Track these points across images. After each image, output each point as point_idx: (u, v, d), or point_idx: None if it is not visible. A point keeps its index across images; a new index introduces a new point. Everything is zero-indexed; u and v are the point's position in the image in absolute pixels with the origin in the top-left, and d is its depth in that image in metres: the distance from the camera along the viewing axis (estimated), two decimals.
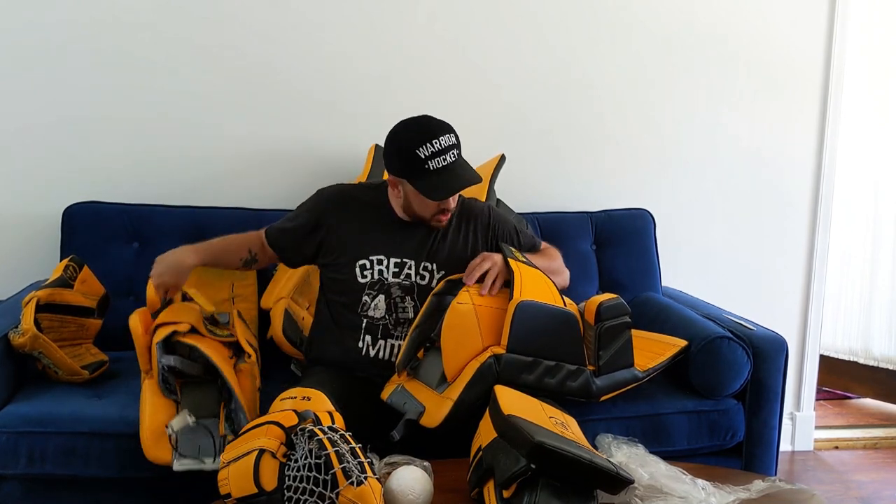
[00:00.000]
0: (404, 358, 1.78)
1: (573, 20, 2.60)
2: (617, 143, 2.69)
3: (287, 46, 2.47)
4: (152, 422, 1.68)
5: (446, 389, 1.72)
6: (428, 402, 1.72)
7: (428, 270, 1.87)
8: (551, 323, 1.75)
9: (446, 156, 1.74)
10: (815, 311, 2.85)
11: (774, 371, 2.06)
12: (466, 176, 1.77)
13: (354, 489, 1.28)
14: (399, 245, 1.87)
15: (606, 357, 1.81)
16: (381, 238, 1.87)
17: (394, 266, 1.86)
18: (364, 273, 1.86)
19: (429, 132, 1.74)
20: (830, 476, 2.67)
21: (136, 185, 2.42)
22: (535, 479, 1.32)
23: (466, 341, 1.72)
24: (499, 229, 1.96)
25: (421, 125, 1.77)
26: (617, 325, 1.82)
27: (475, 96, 2.58)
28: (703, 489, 1.44)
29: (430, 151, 1.72)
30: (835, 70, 2.73)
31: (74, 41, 2.36)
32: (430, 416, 1.69)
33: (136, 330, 1.75)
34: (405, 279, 1.86)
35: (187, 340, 1.73)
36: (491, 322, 1.74)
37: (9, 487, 1.80)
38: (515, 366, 1.70)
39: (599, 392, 1.81)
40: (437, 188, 1.76)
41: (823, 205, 2.80)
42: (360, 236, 1.87)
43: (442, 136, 1.74)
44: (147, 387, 1.74)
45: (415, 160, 1.73)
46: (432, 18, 2.53)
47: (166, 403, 1.72)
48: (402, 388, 1.78)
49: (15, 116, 2.37)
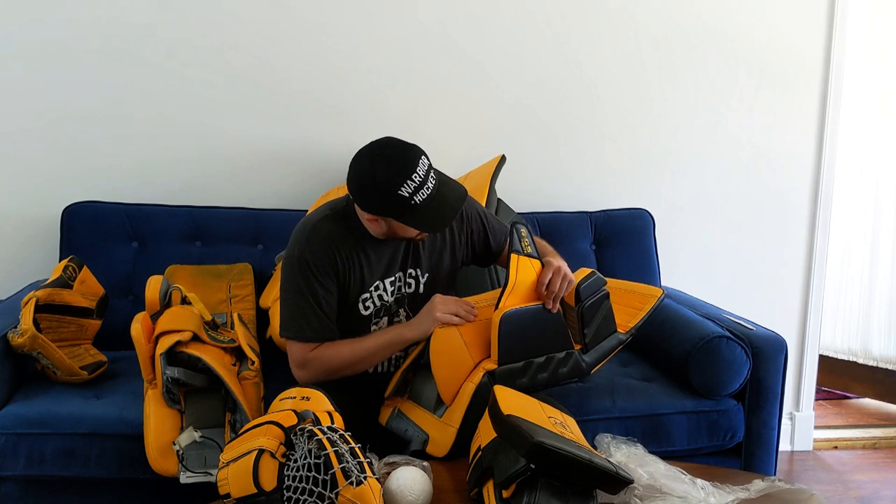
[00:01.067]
0: (395, 388, 1.77)
1: (574, 20, 2.59)
2: (617, 143, 2.69)
3: (287, 46, 2.47)
4: (157, 434, 1.67)
5: (445, 414, 1.70)
6: (430, 429, 1.70)
7: (413, 277, 1.83)
8: (535, 323, 1.72)
9: (428, 183, 1.63)
10: (814, 310, 2.85)
11: (774, 371, 2.06)
12: (454, 197, 1.69)
13: (354, 489, 1.28)
14: (387, 264, 1.80)
15: (591, 333, 1.78)
16: (370, 266, 1.77)
17: (389, 285, 1.81)
18: (366, 305, 1.80)
19: (405, 166, 1.61)
20: (830, 476, 2.67)
21: (136, 185, 2.42)
22: (534, 479, 1.32)
23: (456, 363, 1.70)
24: (472, 220, 1.90)
25: (393, 159, 1.62)
26: (596, 301, 1.78)
27: (475, 96, 2.58)
28: (703, 489, 1.44)
29: (412, 188, 1.60)
30: (834, 70, 2.73)
31: (75, 41, 2.36)
32: (436, 446, 1.67)
33: (138, 339, 1.73)
34: (398, 292, 1.83)
35: (191, 351, 1.72)
36: (476, 336, 1.71)
37: (8, 488, 1.80)
38: (509, 374, 1.68)
39: (589, 367, 1.78)
40: (433, 222, 1.67)
41: (823, 204, 2.80)
42: (355, 272, 1.76)
43: (418, 166, 1.62)
44: (150, 397, 1.72)
45: (400, 201, 1.61)
46: (433, 19, 2.52)
47: (171, 414, 1.70)
48: (400, 411, 1.77)
49: (15, 116, 2.37)
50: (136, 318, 1.78)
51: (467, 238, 1.90)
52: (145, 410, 1.72)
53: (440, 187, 1.67)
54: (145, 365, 1.73)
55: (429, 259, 1.84)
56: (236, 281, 2.24)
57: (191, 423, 1.67)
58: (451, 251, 1.87)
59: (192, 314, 1.84)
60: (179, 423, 1.70)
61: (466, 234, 1.90)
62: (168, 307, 1.86)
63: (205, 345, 1.79)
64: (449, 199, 1.68)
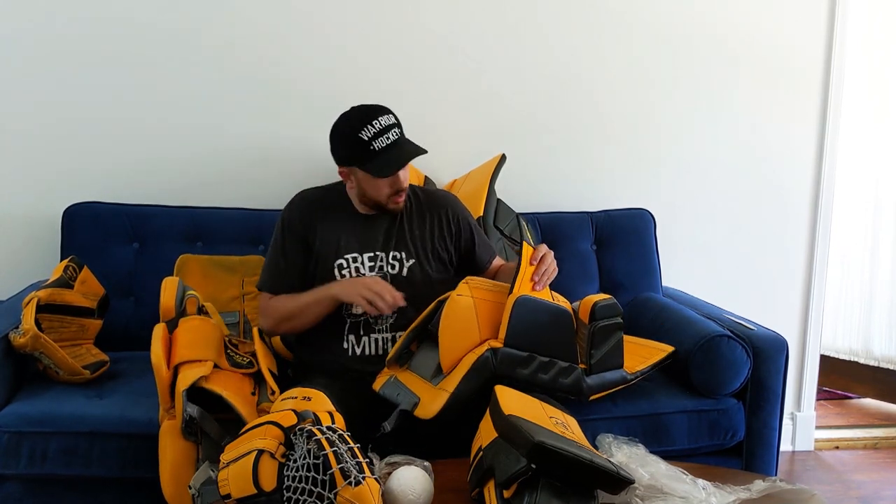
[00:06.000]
0: (395, 354, 1.79)
1: (574, 20, 2.60)
2: (617, 143, 2.69)
3: (288, 47, 2.47)
4: (174, 467, 1.64)
5: (442, 381, 1.72)
6: (422, 394, 1.72)
7: (397, 259, 1.90)
8: (547, 319, 1.76)
9: (388, 134, 1.78)
10: (815, 310, 2.84)
11: (775, 371, 2.06)
12: (410, 149, 1.81)
13: (352, 489, 1.28)
14: (369, 239, 1.90)
15: (598, 356, 1.82)
16: (351, 236, 1.90)
17: (368, 261, 1.88)
18: (342, 273, 1.88)
19: (368, 115, 1.79)
20: (831, 476, 2.67)
21: (137, 186, 2.42)
22: (535, 479, 1.32)
23: (464, 333, 1.73)
24: (461, 225, 1.98)
25: (359, 111, 1.82)
26: (610, 326, 1.83)
27: (476, 96, 2.58)
28: (704, 489, 1.44)
29: (372, 133, 1.77)
30: (835, 70, 2.73)
31: (75, 42, 2.36)
32: (424, 408, 1.69)
33: (158, 367, 1.68)
34: (379, 272, 1.89)
35: (212, 387, 1.67)
36: (489, 315, 1.75)
37: (9, 487, 1.80)
38: (512, 360, 1.71)
39: (590, 391, 1.82)
40: (386, 165, 1.79)
41: (824, 204, 2.80)
42: (333, 237, 1.89)
43: (381, 117, 1.79)
44: (167, 428, 1.68)
45: (359, 144, 1.78)
46: (433, 19, 2.53)
47: (187, 447, 1.66)
48: (395, 378, 1.79)
49: (15, 116, 2.37)
50: (156, 337, 1.73)
51: (454, 239, 1.96)
52: (161, 442, 1.68)
53: (402, 143, 1.81)
54: (164, 395, 1.69)
55: (415, 244, 1.91)
56: (250, 276, 2.21)
57: (207, 457, 1.62)
58: (437, 244, 1.93)
59: (213, 332, 1.81)
60: (195, 455, 1.66)
61: (454, 235, 1.96)
62: (183, 313, 1.84)
63: (224, 373, 1.75)
64: (407, 151, 1.81)
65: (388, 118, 1.80)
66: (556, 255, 1.99)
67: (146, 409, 1.78)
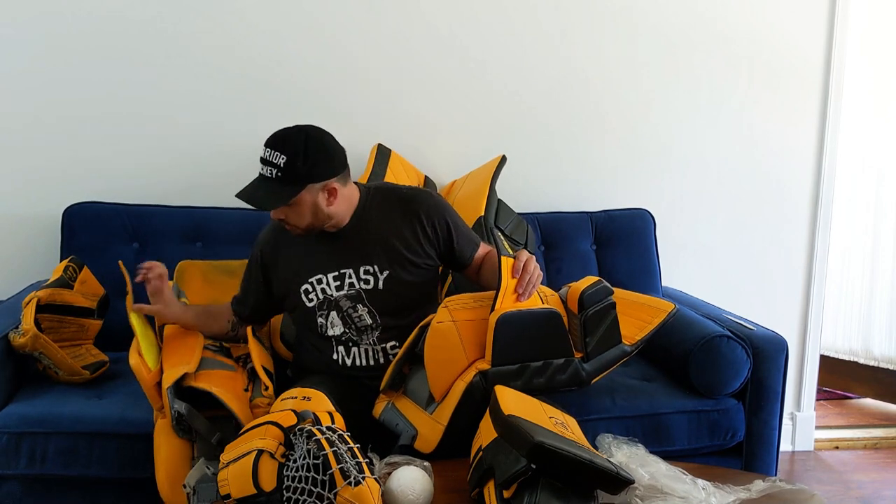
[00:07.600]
0: (389, 381, 1.77)
1: (575, 20, 2.59)
2: (617, 143, 2.69)
3: (289, 46, 2.47)
4: (169, 466, 1.64)
5: (435, 411, 1.70)
6: (420, 425, 1.70)
7: (371, 273, 1.82)
8: (534, 326, 1.70)
9: (260, 164, 1.76)
10: (815, 310, 2.84)
11: (775, 371, 2.06)
12: (251, 190, 1.78)
13: (352, 489, 1.28)
14: (331, 258, 1.83)
15: (594, 342, 1.76)
16: (313, 258, 1.84)
17: (333, 280, 1.82)
18: (309, 297, 1.83)
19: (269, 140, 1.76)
20: (831, 476, 2.67)
21: (137, 186, 2.42)
22: (535, 479, 1.32)
23: (449, 362, 1.69)
24: (437, 227, 1.87)
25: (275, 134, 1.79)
26: (601, 310, 1.76)
27: (476, 96, 2.58)
28: (704, 489, 1.44)
29: (260, 157, 1.76)
30: (835, 68, 2.72)
31: (75, 41, 2.36)
32: (423, 441, 1.68)
33: (139, 371, 1.67)
34: (349, 289, 1.82)
35: (199, 384, 1.67)
36: (473, 335, 1.70)
37: (9, 487, 1.80)
38: (502, 376, 1.66)
39: (590, 377, 1.76)
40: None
41: (824, 204, 2.80)
42: (294, 265, 1.85)
43: (268, 148, 1.75)
44: (160, 427, 1.68)
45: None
46: (434, 19, 2.52)
47: (181, 445, 1.66)
48: (393, 405, 1.77)
49: (15, 116, 2.37)
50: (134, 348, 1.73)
51: (432, 243, 1.87)
52: (155, 441, 1.68)
53: (260, 178, 1.77)
54: (151, 395, 1.69)
55: (388, 257, 1.82)
56: None
57: (202, 454, 1.61)
58: (415, 249, 1.84)
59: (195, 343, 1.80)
60: (190, 453, 1.66)
61: (431, 238, 1.87)
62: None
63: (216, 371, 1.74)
64: (249, 187, 1.77)
65: (273, 152, 1.74)
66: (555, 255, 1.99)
67: (146, 410, 1.77)
